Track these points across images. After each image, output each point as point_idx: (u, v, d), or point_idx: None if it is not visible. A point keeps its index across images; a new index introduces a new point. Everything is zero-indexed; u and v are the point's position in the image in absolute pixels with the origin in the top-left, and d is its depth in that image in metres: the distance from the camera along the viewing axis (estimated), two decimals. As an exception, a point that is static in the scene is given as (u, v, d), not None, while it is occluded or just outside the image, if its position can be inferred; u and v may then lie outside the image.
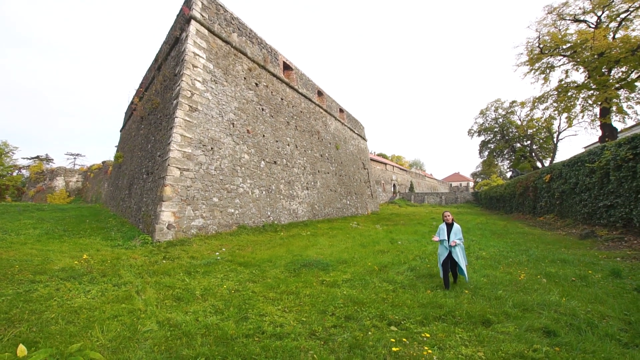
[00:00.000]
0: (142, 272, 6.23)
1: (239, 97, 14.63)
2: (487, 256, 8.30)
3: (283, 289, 5.25)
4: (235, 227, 12.87)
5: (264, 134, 16.07)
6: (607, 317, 4.24)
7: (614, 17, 17.97)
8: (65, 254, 7.73)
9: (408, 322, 3.95)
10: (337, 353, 3.06)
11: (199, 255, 8.29)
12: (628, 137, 10.44)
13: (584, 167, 12.90)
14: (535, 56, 20.01)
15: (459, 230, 5.75)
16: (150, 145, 14.26)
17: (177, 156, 10.93)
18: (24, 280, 5.25)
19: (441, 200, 48.97)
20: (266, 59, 17.46)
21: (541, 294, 5.04)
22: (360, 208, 28.13)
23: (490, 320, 4.12)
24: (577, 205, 13.70)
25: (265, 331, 3.55)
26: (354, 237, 11.79)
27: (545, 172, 17.41)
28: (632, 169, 9.98)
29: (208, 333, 3.42)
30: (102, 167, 43.46)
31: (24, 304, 4.07)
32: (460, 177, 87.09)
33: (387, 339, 3.40)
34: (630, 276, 6.16)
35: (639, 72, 16.88)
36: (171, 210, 10.38)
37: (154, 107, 15.24)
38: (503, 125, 34.95)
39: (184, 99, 11.59)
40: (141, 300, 4.44)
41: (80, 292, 4.76)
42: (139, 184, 14.41)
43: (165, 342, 3.19)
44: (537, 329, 3.84)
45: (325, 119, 24.52)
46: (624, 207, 10.40)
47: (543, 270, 6.62)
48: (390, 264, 7.19)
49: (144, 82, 20.37)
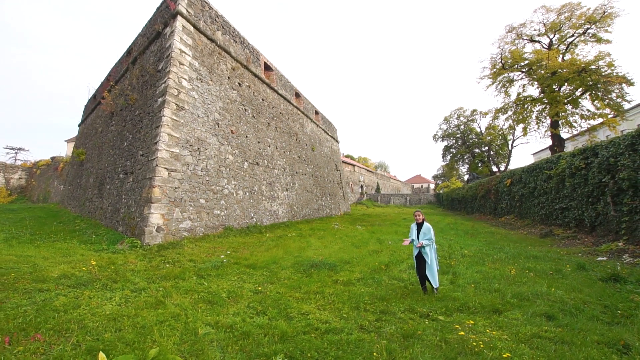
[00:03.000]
0: (151, 276, 6.07)
1: (223, 96, 14.39)
2: (470, 254, 9.15)
3: (305, 289, 5.48)
4: (222, 229, 12.68)
5: (246, 135, 15.94)
6: (588, 303, 5.05)
7: (563, 40, 20.42)
8: (50, 260, 7.24)
9: (435, 313, 4.42)
10: (396, 342, 3.41)
11: (198, 258, 8.17)
12: (581, 149, 12.04)
13: (542, 173, 14.57)
14: (497, 70, 22.04)
15: (428, 229, 5.50)
16: (126, 144, 13.51)
17: (165, 156, 10.56)
18: (29, 289, 4.92)
19: (406, 201, 51.37)
20: (248, 58, 17.31)
21: (531, 286, 5.81)
22: (334, 209, 28.72)
23: (499, 309, 4.73)
24: (536, 207, 15.42)
25: (318, 328, 3.79)
26: (341, 238, 12.21)
27: (507, 176, 19.27)
28: (584, 177, 11.54)
29: (267, 332, 3.57)
30: (52, 164, 39.62)
31: (54, 313, 3.89)
32: (422, 179, 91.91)
33: (429, 327, 3.83)
34: (592, 269, 7.24)
35: (582, 90, 19.34)
36: (160, 212, 10.02)
37: (129, 103, 14.43)
38: (464, 132, 37.77)
39: (171, 97, 11.22)
40: (173, 305, 4.42)
41: (102, 299, 4.60)
42: (113, 184, 13.58)
43: (235, 342, 3.30)
44: (540, 314, 4.50)
45: (302, 121, 24.76)
46: (577, 209, 11.99)
47: (522, 265, 7.53)
48: (391, 263, 7.70)
49: (112, 75, 19.13)
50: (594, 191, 11.12)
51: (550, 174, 13.68)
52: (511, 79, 22.42)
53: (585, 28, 19.95)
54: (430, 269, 5.35)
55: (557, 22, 20.43)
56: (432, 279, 5.35)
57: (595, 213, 11.12)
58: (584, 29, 20.02)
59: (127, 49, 16.96)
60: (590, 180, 11.17)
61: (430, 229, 5.57)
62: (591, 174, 11.18)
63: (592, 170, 11.09)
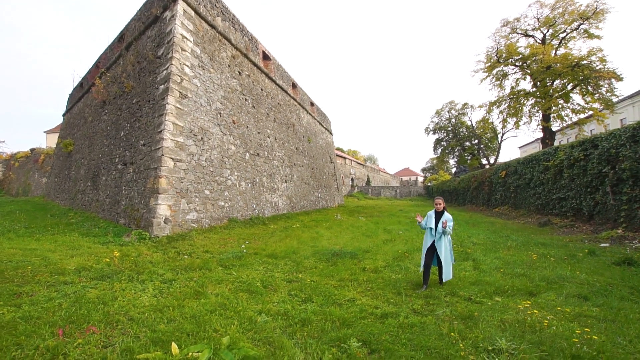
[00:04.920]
0: (174, 268, 5.88)
1: (224, 85, 14.00)
2: (480, 242, 9.34)
3: (338, 277, 5.44)
4: (226, 220, 12.45)
5: (247, 125, 15.62)
6: (612, 285, 5.22)
7: (556, 35, 20.88)
8: (59, 253, 6.91)
9: (476, 297, 4.47)
10: (455, 323, 3.43)
11: (212, 249, 7.99)
12: (579, 141, 12.42)
13: (539, 164, 14.97)
14: (492, 64, 22.39)
15: (451, 219, 5.16)
16: (124, 133, 12.98)
17: (170, 146, 10.21)
18: (52, 282, 4.66)
19: (396, 194, 52.02)
20: (248, 47, 16.87)
21: (553, 270, 5.97)
22: (329, 201, 28.75)
23: (533, 291, 4.84)
24: (531, 197, 15.87)
25: (373, 313, 3.76)
26: (348, 229, 12.23)
27: (501, 168, 19.72)
28: (583, 167, 11.93)
29: (325, 318, 3.51)
30: (31, 156, 37.77)
31: (93, 305, 3.68)
32: (410, 172, 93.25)
33: (481, 309, 3.88)
34: (601, 254, 7.52)
35: (573, 85, 19.92)
36: (167, 203, 9.72)
37: (125, 90, 13.84)
38: (455, 125, 38.40)
39: (174, 85, 10.80)
40: (214, 295, 4.28)
41: (136, 291, 4.40)
42: (110, 175, 13.06)
43: (298, 329, 3.22)
44: (573, 295, 4.63)
45: (298, 112, 24.49)
46: (575, 199, 12.41)
47: (537, 252, 7.73)
48: (409, 251, 7.75)
49: (102, 61, 18.25)
50: (593, 181, 11.52)
51: (547, 165, 14.07)
52: (505, 73, 22.87)
53: (577, 24, 20.47)
54: (446, 260, 4.98)
55: (551, 17, 20.86)
56: (446, 271, 4.95)
57: (593, 202, 11.54)
58: (577, 25, 20.54)
59: (118, 34, 16.19)
60: (590, 171, 11.55)
61: (451, 219, 5.17)
62: (590, 164, 11.55)
63: (592, 161, 11.46)
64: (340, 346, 2.89)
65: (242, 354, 2.50)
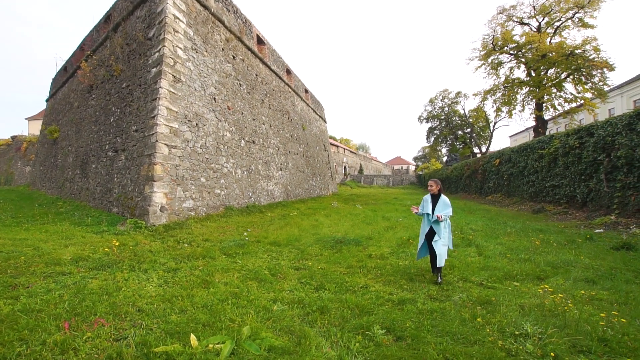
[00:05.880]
0: (175, 256, 5.69)
1: (218, 69, 13.52)
2: (479, 229, 9.40)
3: (346, 263, 5.36)
4: (223, 208, 12.23)
5: (242, 111, 15.22)
6: (615, 269, 5.29)
7: (552, 23, 20.84)
8: (52, 243, 6.64)
9: (488, 282, 4.46)
10: (474, 309, 3.39)
11: (212, 238, 7.82)
12: (575, 129, 12.53)
13: (533, 152, 15.11)
14: (488, 51, 22.28)
15: (446, 203, 4.65)
16: (114, 119, 12.47)
17: (164, 131, 9.84)
18: (48, 273, 4.43)
19: (388, 182, 52.31)
20: (242, 30, 16.29)
21: (556, 255, 6.03)
22: (323, 189, 28.67)
23: (540, 276, 4.86)
24: (525, 185, 16.08)
25: (389, 299, 3.69)
26: (347, 216, 12.16)
27: (495, 156, 19.89)
28: (578, 155, 12.07)
29: (343, 306, 3.42)
30: (13, 144, 36.40)
31: (97, 297, 3.49)
32: (402, 161, 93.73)
33: (497, 294, 3.86)
34: (598, 239, 7.65)
35: (567, 74, 20.03)
36: (163, 190, 9.43)
37: (113, 74, 13.23)
38: (448, 114, 38.47)
39: (167, 67, 10.34)
40: (223, 284, 4.14)
41: (140, 280, 4.21)
42: (101, 163, 12.59)
43: (318, 317, 3.11)
44: (581, 279, 4.66)
45: (293, 99, 24.04)
46: (569, 186, 12.60)
47: (537, 238, 7.81)
48: (411, 237, 7.72)
49: (87, 43, 17.39)
50: (587, 169, 11.68)
51: (542, 154, 14.21)
52: (501, 61, 22.82)
53: (573, 12, 20.44)
54: (438, 246, 4.52)
55: (547, 5, 20.75)
56: (439, 258, 4.46)
57: (587, 189, 11.73)
58: (572, 14, 20.51)
59: (105, 14, 15.38)
60: (585, 159, 11.70)
61: (449, 203, 4.67)
62: (585, 152, 11.69)
63: (587, 149, 11.60)
64: (365, 334, 2.81)
65: (267, 345, 2.39)
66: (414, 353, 2.47)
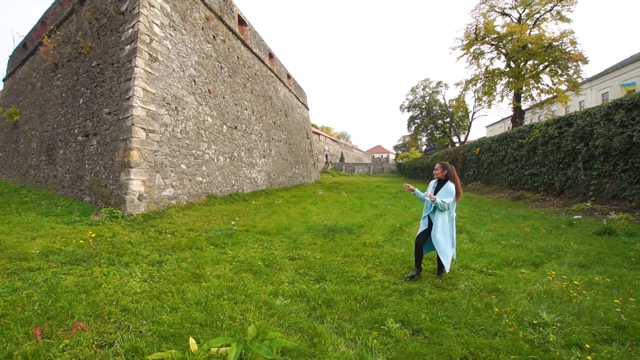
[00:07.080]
0: (158, 248, 5.27)
1: (198, 50, 12.71)
2: (466, 216, 9.52)
3: (341, 252, 5.17)
4: (205, 197, 11.70)
5: (224, 96, 14.51)
6: (602, 253, 5.42)
7: (531, 15, 21.22)
8: (16, 235, 6.02)
9: (488, 269, 4.42)
10: (484, 297, 3.29)
11: (196, 227, 7.41)
12: (555, 118, 12.88)
13: (514, 142, 15.48)
14: (470, 41, 22.44)
15: (449, 191, 4.14)
16: (83, 101, 11.48)
17: (141, 114, 9.13)
18: (13, 269, 3.93)
19: (369, 170, 52.72)
20: (222, 8, 15.37)
21: (546, 241, 6.13)
22: (306, 177, 28.37)
23: (536, 262, 4.89)
24: (504, 174, 16.53)
25: (395, 290, 3.52)
26: (334, 204, 12.00)
27: (475, 145, 20.29)
28: (557, 144, 12.44)
29: (349, 298, 3.21)
30: (-34, 127, 33.19)
31: (73, 296, 3.07)
32: (382, 150, 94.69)
33: (502, 282, 3.80)
34: (580, 225, 7.90)
35: (544, 66, 20.57)
36: (140, 178, 8.80)
37: (81, 52, 12.12)
38: (429, 103, 38.89)
39: (142, 45, 9.54)
40: (215, 277, 3.82)
41: (122, 275, 3.81)
42: (69, 148, 11.63)
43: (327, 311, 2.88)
44: (574, 264, 4.72)
45: (275, 84, 23.31)
46: (548, 174, 13.02)
47: (520, 224, 7.96)
48: (403, 225, 7.66)
49: (49, 17, 15.85)
50: (566, 158, 12.08)
51: (522, 143, 14.58)
52: (482, 51, 23.11)
53: (552, 5, 20.86)
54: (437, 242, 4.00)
55: (528, -4, 21.06)
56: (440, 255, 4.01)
57: (565, 177, 12.16)
58: (551, 6, 20.94)
59: (69, -16, 13.97)
60: (563, 148, 12.07)
61: (452, 191, 4.13)
62: (564, 141, 12.06)
63: (566, 139, 11.95)
64: (380, 329, 2.63)
65: (278, 346, 2.13)
66: (438, 349, 2.31)
